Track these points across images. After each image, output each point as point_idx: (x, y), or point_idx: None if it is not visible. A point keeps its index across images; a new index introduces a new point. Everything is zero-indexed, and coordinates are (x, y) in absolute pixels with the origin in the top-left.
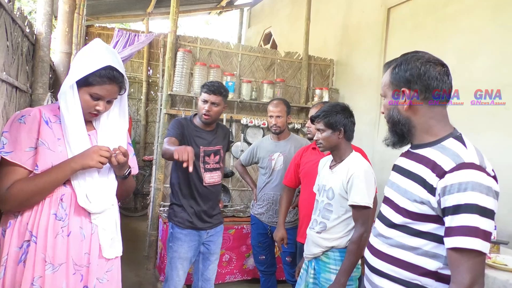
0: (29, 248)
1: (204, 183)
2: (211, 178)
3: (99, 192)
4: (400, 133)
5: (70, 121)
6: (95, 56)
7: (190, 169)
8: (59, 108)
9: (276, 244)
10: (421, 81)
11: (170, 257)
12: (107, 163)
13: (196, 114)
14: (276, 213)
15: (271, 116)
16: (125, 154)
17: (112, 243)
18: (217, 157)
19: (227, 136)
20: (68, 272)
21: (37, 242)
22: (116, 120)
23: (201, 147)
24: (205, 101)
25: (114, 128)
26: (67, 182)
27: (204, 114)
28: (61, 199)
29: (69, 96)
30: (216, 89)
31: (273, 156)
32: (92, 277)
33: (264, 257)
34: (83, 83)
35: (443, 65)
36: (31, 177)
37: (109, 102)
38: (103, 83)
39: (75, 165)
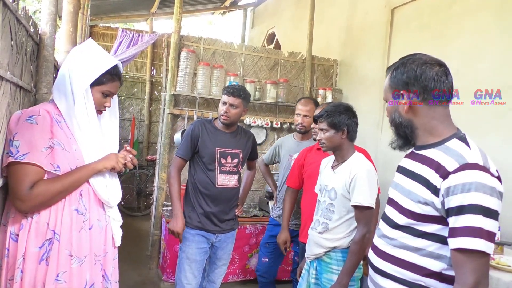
0: (51, 246)
1: (216, 185)
2: (225, 180)
3: (113, 187)
4: (404, 135)
5: (88, 121)
6: (103, 56)
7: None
8: (56, 107)
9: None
10: (418, 82)
11: (179, 258)
12: None
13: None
14: (295, 215)
15: (298, 114)
16: (134, 154)
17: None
18: (235, 160)
19: (250, 141)
20: (91, 264)
21: (60, 240)
22: (107, 117)
23: (216, 148)
24: (224, 103)
25: (109, 126)
26: None
27: (222, 116)
28: (81, 195)
29: (83, 97)
30: (235, 91)
31: (294, 156)
32: (109, 265)
33: (266, 259)
34: (94, 83)
35: (441, 65)
36: (55, 177)
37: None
38: (113, 81)
39: (98, 166)
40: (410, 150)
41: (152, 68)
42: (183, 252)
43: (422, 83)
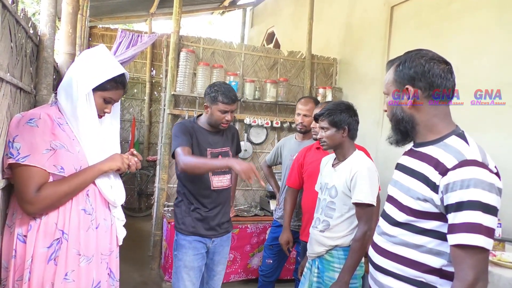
0: (60, 245)
1: (212, 187)
2: (219, 182)
3: (118, 188)
4: (404, 130)
5: (89, 123)
6: (111, 63)
7: (262, 183)
8: (59, 109)
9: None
10: (425, 78)
11: (175, 267)
12: None
13: (200, 115)
14: (296, 216)
15: (298, 114)
16: (140, 160)
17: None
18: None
19: (235, 136)
20: (97, 262)
21: (68, 239)
22: (108, 121)
23: (208, 149)
24: (225, 112)
25: (109, 129)
26: None
27: (223, 124)
28: (87, 195)
29: (85, 99)
30: (234, 97)
31: (295, 156)
32: (114, 264)
33: (271, 261)
34: (98, 88)
35: (447, 63)
36: (62, 179)
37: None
38: (117, 89)
39: (103, 167)
40: (409, 148)
41: (152, 68)
42: (180, 260)
43: (429, 79)
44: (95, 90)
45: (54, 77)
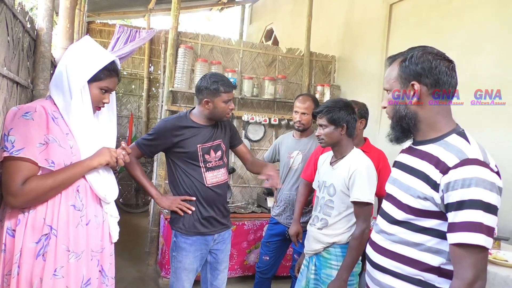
0: (48, 241)
1: (206, 185)
2: (214, 177)
3: (110, 183)
4: (406, 127)
5: (85, 117)
6: (100, 52)
7: (189, 212)
8: (54, 103)
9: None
10: (432, 75)
11: (174, 267)
12: None
13: (193, 109)
14: (293, 214)
15: (296, 112)
16: (129, 153)
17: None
18: (219, 152)
19: (228, 126)
20: (87, 259)
21: (57, 235)
22: (105, 114)
23: (198, 146)
24: (229, 100)
25: (107, 123)
26: None
27: (228, 114)
28: (77, 190)
29: (80, 94)
30: (232, 84)
31: (292, 154)
32: (106, 261)
33: (268, 258)
34: (92, 79)
35: (450, 61)
36: (48, 173)
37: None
38: (111, 76)
39: (92, 163)
40: (407, 145)
41: (150, 64)
42: (180, 262)
43: (435, 75)
44: (90, 82)
45: (52, 72)
